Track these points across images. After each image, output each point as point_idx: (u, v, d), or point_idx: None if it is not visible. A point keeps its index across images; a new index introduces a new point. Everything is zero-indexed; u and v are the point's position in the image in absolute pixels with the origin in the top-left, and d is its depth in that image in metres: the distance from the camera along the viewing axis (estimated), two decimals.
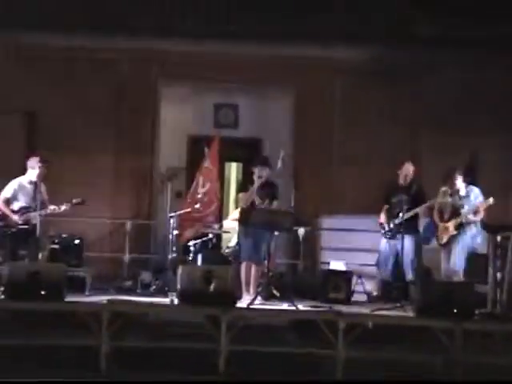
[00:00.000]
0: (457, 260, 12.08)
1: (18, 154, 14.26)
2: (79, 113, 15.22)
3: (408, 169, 12.65)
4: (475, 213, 11.99)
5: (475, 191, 12.20)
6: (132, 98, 15.39)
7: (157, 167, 15.71)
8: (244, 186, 12.97)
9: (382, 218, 12.75)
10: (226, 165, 16.16)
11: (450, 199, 12.26)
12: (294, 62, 15.28)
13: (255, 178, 12.21)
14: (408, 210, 12.27)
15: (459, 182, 12.25)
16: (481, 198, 12.06)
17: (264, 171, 12.18)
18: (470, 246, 12.14)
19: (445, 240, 12.20)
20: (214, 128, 15.67)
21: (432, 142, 14.88)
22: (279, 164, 12.30)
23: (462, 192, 12.22)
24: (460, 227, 12.06)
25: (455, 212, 12.15)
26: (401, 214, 12.33)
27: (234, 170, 16.36)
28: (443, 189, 12.36)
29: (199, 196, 13.96)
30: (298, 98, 15.80)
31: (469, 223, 12.05)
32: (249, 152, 15.44)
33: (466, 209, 12.03)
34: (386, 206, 12.74)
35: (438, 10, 15.36)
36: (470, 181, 12.50)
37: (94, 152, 15.21)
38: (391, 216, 12.61)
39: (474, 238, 12.15)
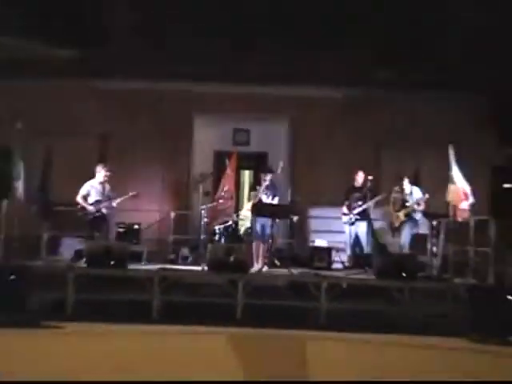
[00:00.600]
0: (406, 240, 12.18)
1: (92, 163, 14.39)
2: (137, 135, 15.29)
3: (360, 175, 12.83)
4: (418, 205, 12.11)
5: (416, 190, 12.31)
6: (174, 124, 15.43)
7: (192, 173, 15.75)
8: (254, 187, 13.11)
9: (344, 210, 12.91)
10: (241, 172, 16.14)
11: (399, 195, 12.36)
12: (289, 98, 15.27)
13: (262, 181, 12.35)
14: (361, 204, 12.49)
15: (405, 184, 12.37)
16: (420, 194, 12.18)
17: (267, 176, 12.31)
18: (414, 229, 12.22)
19: (397, 225, 12.32)
20: (232, 145, 15.73)
21: (389, 156, 14.93)
22: (279, 170, 12.39)
23: (407, 190, 12.34)
24: (407, 215, 12.19)
25: (403, 204, 12.26)
26: (357, 208, 12.56)
27: (246, 175, 16.33)
28: (395, 188, 12.49)
29: (222, 194, 13.99)
30: (291, 123, 15.74)
31: (414, 212, 12.15)
32: (257, 163, 15.51)
33: (410, 202, 12.16)
34: (346, 202, 12.92)
35: (392, 59, 15.37)
36: (413, 182, 12.60)
37: (147, 163, 15.29)
38: (350, 208, 12.80)
39: (416, 222, 12.24)
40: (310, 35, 14.25)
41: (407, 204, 12.17)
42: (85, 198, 12.06)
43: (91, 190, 12.12)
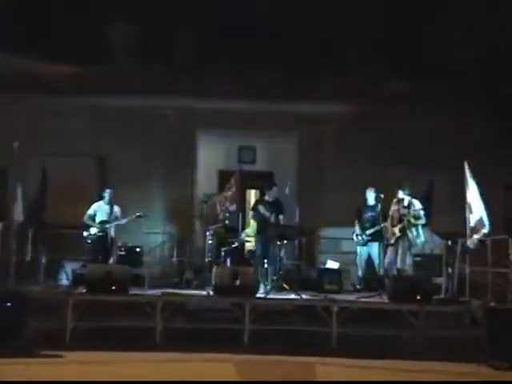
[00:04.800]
0: (402, 259, 11.95)
1: (91, 185, 14.40)
2: (136, 155, 15.29)
3: (371, 194, 12.70)
4: (415, 218, 11.95)
5: (415, 203, 12.07)
6: (176, 142, 15.43)
7: (195, 193, 15.77)
8: (254, 206, 12.95)
9: (356, 230, 12.83)
10: (247, 192, 16.12)
11: (397, 208, 12.20)
12: (297, 115, 15.29)
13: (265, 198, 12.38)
14: (374, 225, 12.41)
15: (400, 195, 12.14)
16: (420, 206, 11.94)
17: (270, 192, 12.32)
18: (412, 246, 11.99)
19: (392, 241, 12.14)
20: (237, 164, 15.70)
21: (400, 173, 14.85)
22: (287, 191, 12.37)
23: (405, 203, 12.13)
24: (403, 230, 12.00)
25: (400, 218, 12.12)
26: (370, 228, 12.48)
27: (252, 195, 16.31)
28: (394, 200, 12.34)
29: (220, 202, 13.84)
30: (299, 141, 15.79)
31: (411, 227, 11.96)
32: (263, 182, 15.46)
33: (408, 216, 11.96)
34: (358, 222, 12.79)
35: (405, 72, 15.41)
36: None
37: (148, 183, 15.31)
38: (363, 228, 12.72)
39: (414, 239, 11.99)
40: (317, 48, 14.34)
41: (403, 218, 11.99)
42: (92, 218, 12.28)
43: (98, 211, 12.33)
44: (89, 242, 12.22)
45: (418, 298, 10.30)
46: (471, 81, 14.43)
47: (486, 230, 10.92)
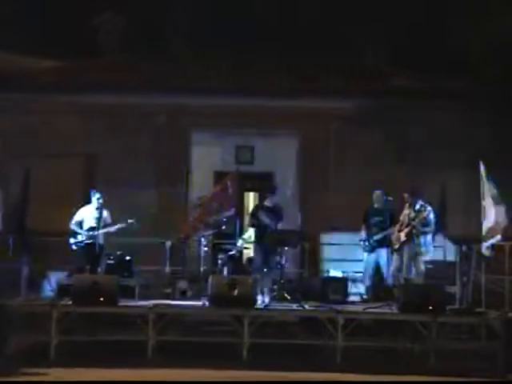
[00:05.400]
0: (408, 268, 11.79)
1: (78, 188, 14.28)
2: (127, 155, 15.22)
3: (378, 196, 12.50)
4: (423, 225, 11.75)
5: (428, 208, 11.82)
6: (169, 142, 15.36)
7: (189, 197, 15.65)
8: (253, 211, 12.82)
9: (363, 235, 12.68)
10: (245, 194, 16.05)
11: (407, 212, 12.04)
12: (298, 112, 15.26)
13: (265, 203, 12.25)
14: (382, 229, 12.25)
15: (406, 198, 12.00)
16: (428, 211, 11.79)
17: (272, 199, 12.20)
18: (418, 255, 11.78)
19: (397, 246, 11.93)
20: (234, 164, 15.60)
21: (409, 173, 14.74)
22: (288, 193, 12.26)
23: (416, 206, 11.94)
24: (409, 235, 11.78)
25: (409, 223, 11.95)
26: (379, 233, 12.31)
27: (251, 198, 16.25)
28: (406, 204, 12.13)
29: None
30: (301, 140, 15.74)
31: (419, 234, 11.75)
32: (262, 184, 15.37)
33: (416, 221, 11.77)
34: (365, 226, 12.63)
35: (411, 67, 15.36)
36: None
37: (139, 185, 15.20)
38: (370, 234, 12.55)
39: (421, 247, 11.77)
40: (317, 41, 14.30)
41: (411, 222, 11.77)
42: (79, 224, 12.03)
43: (86, 216, 12.09)
44: (75, 249, 12.00)
45: (430, 308, 10.16)
46: (484, 77, 14.37)
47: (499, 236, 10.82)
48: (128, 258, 13.25)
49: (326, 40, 15.91)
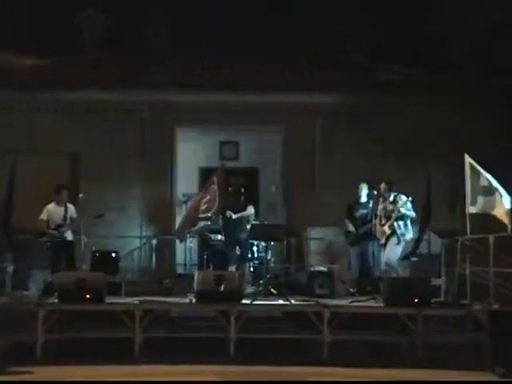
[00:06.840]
0: (388, 256, 11.87)
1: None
2: (111, 152, 15.16)
3: (363, 189, 12.63)
4: (405, 215, 11.77)
5: (402, 198, 11.89)
6: (153, 138, 15.35)
7: (175, 193, 15.64)
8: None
9: (349, 228, 12.70)
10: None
11: (382, 206, 12.09)
12: (283, 107, 15.27)
13: None
14: (368, 222, 12.29)
15: (383, 188, 12.03)
16: (404, 199, 11.82)
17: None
18: (400, 242, 11.86)
19: (383, 241, 11.97)
20: (219, 160, 15.60)
21: (395, 167, 14.76)
22: (273, 189, 12.27)
23: (391, 198, 11.96)
24: (392, 226, 11.85)
25: (388, 216, 12.02)
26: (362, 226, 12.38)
27: None
28: (380, 199, 12.16)
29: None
30: (286, 135, 15.70)
31: (399, 220, 11.81)
32: (247, 179, 15.35)
33: (395, 212, 11.78)
34: (350, 220, 12.71)
35: (394, 61, 15.41)
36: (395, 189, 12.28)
37: (124, 183, 15.17)
38: (355, 227, 12.59)
39: (401, 236, 11.83)
40: (302, 36, 14.31)
41: (391, 215, 11.84)
42: (47, 222, 11.97)
43: (51, 214, 12.01)
44: (47, 248, 11.94)
45: (416, 301, 10.15)
46: (469, 71, 14.43)
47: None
48: (114, 254, 13.25)
49: (311, 35, 15.92)
